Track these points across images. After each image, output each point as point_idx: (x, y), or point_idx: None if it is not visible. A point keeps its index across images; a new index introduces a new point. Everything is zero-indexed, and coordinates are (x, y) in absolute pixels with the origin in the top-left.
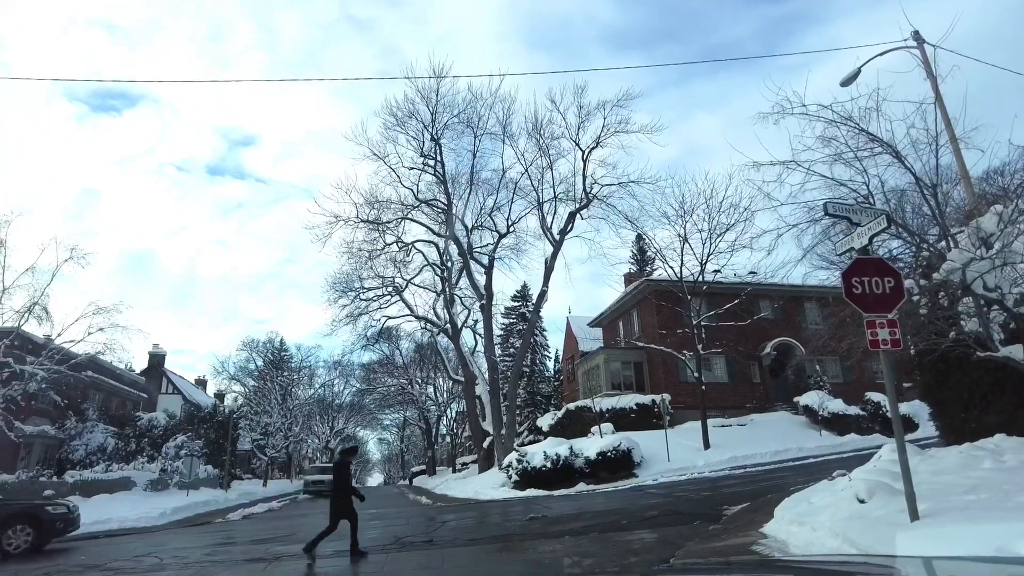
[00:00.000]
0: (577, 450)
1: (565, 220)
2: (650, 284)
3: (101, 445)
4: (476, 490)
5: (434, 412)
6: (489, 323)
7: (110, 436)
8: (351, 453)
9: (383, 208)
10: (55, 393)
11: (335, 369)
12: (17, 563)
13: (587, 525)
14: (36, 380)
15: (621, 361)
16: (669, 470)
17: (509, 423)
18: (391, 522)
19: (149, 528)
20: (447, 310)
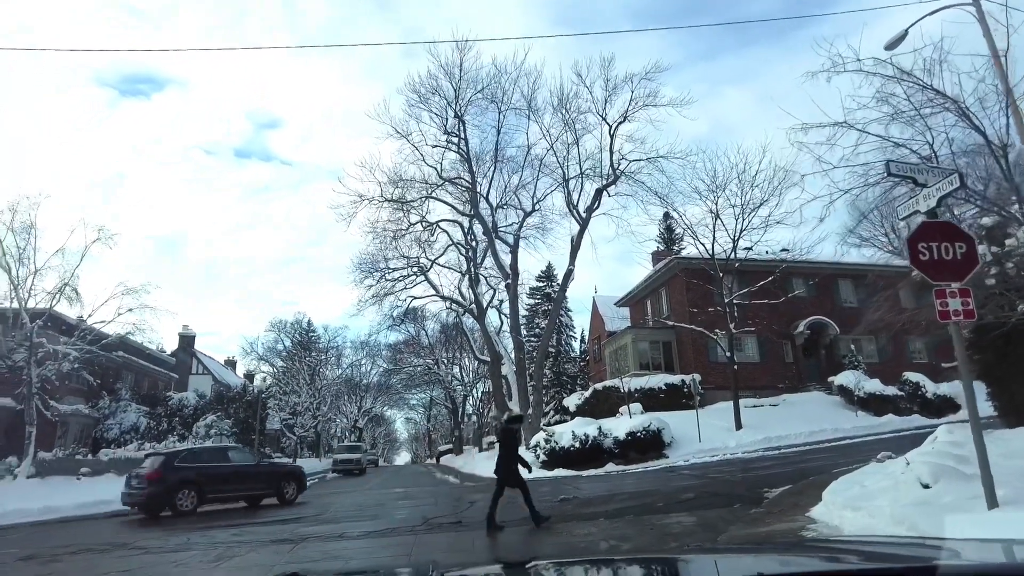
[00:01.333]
0: (606, 430)
1: (592, 197)
2: (680, 262)
3: (134, 424)
4: None
5: (460, 392)
6: (515, 303)
7: (142, 416)
8: (517, 420)
9: (407, 187)
10: (88, 373)
11: (362, 349)
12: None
13: (621, 507)
14: (69, 360)
15: (649, 341)
16: (700, 451)
17: (536, 403)
18: (419, 501)
19: None
20: (472, 290)
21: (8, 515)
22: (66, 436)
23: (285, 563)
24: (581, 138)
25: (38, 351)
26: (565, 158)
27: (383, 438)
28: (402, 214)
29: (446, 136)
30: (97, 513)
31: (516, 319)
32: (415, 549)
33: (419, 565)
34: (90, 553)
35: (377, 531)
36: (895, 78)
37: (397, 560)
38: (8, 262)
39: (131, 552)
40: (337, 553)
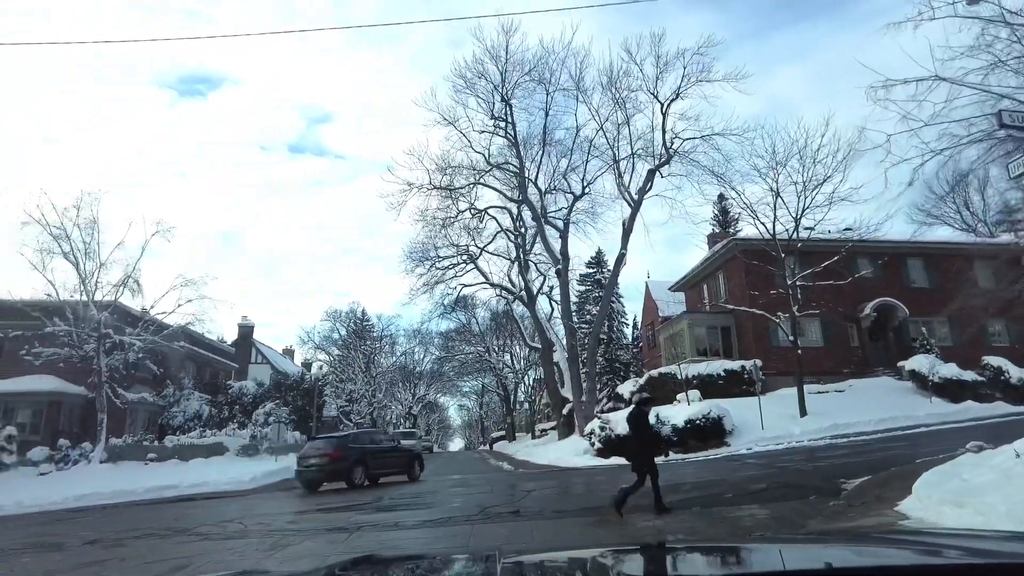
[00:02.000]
0: (664, 417)
1: (644, 179)
2: (738, 243)
3: (197, 412)
4: (557, 457)
5: (511, 379)
6: (566, 288)
7: (204, 403)
8: (649, 403)
9: (455, 174)
10: (152, 362)
11: (415, 338)
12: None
13: (687, 498)
14: (134, 350)
15: (707, 325)
16: (763, 439)
17: (589, 390)
18: (474, 489)
19: (240, 492)
20: (522, 276)
21: (84, 498)
22: (135, 423)
23: (340, 553)
24: (632, 118)
25: (106, 341)
26: (615, 139)
27: (437, 424)
28: (451, 202)
29: (493, 121)
30: (162, 497)
31: (567, 305)
32: (472, 540)
33: (485, 550)
34: (153, 538)
35: (432, 520)
36: (1000, 21)
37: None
38: (76, 256)
39: (191, 538)
40: (393, 543)
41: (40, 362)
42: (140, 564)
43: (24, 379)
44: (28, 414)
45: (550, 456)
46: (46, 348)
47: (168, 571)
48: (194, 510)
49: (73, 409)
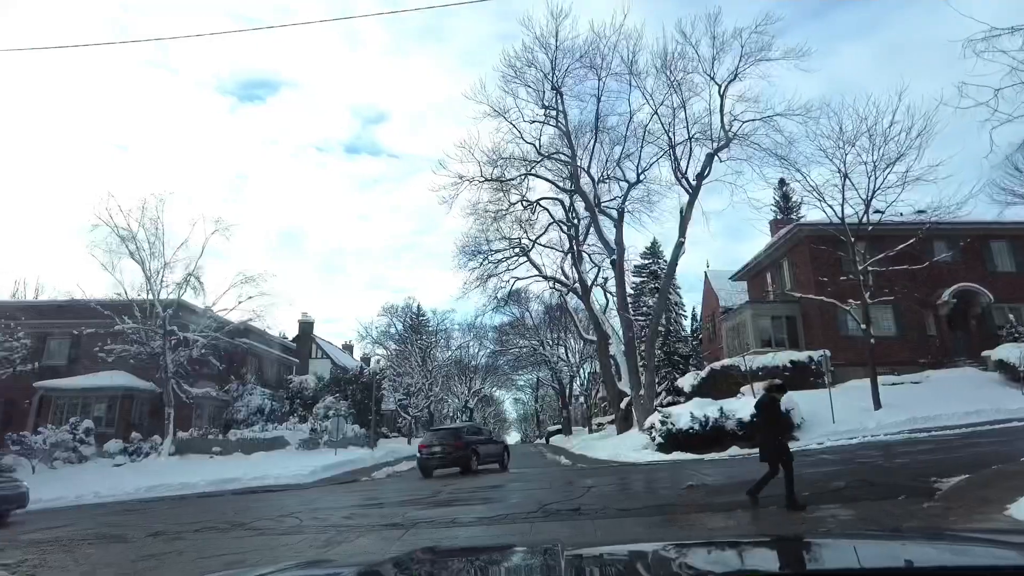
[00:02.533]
0: (728, 411)
1: (702, 163)
2: (803, 229)
3: (259, 406)
4: (617, 451)
5: (566, 373)
6: (621, 279)
7: (266, 398)
8: (780, 389)
9: (506, 165)
10: (216, 358)
11: (469, 332)
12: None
13: (759, 497)
14: (197, 346)
15: (771, 315)
16: (835, 433)
17: (648, 383)
18: (532, 485)
19: (300, 485)
20: (575, 268)
21: (154, 489)
22: (201, 417)
23: (396, 551)
24: (688, 101)
25: (171, 338)
26: (671, 124)
27: (493, 418)
28: (502, 194)
29: (544, 110)
30: (225, 490)
31: (623, 296)
32: (531, 539)
33: (546, 542)
34: (212, 531)
35: (489, 517)
36: None
37: None
38: (142, 256)
39: (247, 533)
40: (448, 542)
41: (112, 359)
42: (195, 559)
43: (99, 375)
44: (103, 408)
45: (608, 451)
46: (117, 345)
47: (221, 567)
48: (254, 503)
49: (144, 403)
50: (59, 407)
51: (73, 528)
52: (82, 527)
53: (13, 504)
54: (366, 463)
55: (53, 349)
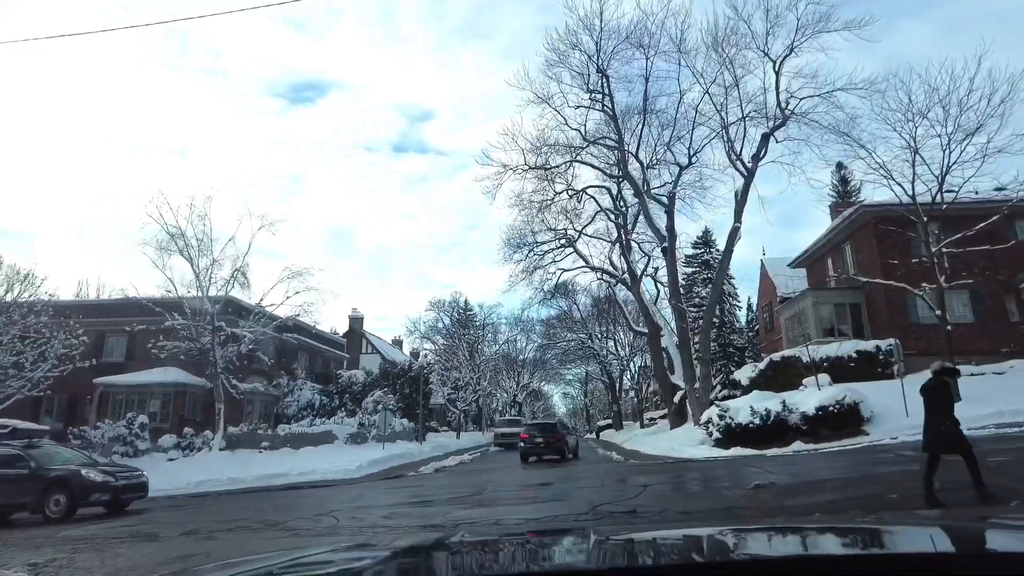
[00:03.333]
0: (791, 404)
1: (757, 144)
2: (868, 211)
3: (309, 401)
4: (671, 447)
5: (616, 367)
6: (673, 267)
7: (316, 393)
8: (952, 373)
9: (550, 153)
10: (265, 354)
11: (517, 326)
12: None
13: (838, 499)
14: (246, 342)
15: (833, 303)
16: (909, 427)
17: (703, 376)
18: (582, 483)
19: (346, 480)
20: (624, 258)
21: (203, 484)
22: (252, 413)
23: None
24: (741, 80)
25: (220, 334)
26: (723, 103)
27: (542, 412)
28: (547, 183)
29: (589, 94)
30: (272, 486)
31: (675, 285)
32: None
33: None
34: (245, 531)
35: (536, 519)
36: None
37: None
38: (191, 253)
39: (281, 533)
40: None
41: (165, 355)
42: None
43: (153, 371)
44: (158, 403)
45: (662, 446)
46: (169, 342)
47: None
48: (296, 500)
49: (196, 399)
50: (117, 402)
51: (122, 525)
52: (125, 524)
53: (138, 492)
54: (414, 458)
55: (112, 346)
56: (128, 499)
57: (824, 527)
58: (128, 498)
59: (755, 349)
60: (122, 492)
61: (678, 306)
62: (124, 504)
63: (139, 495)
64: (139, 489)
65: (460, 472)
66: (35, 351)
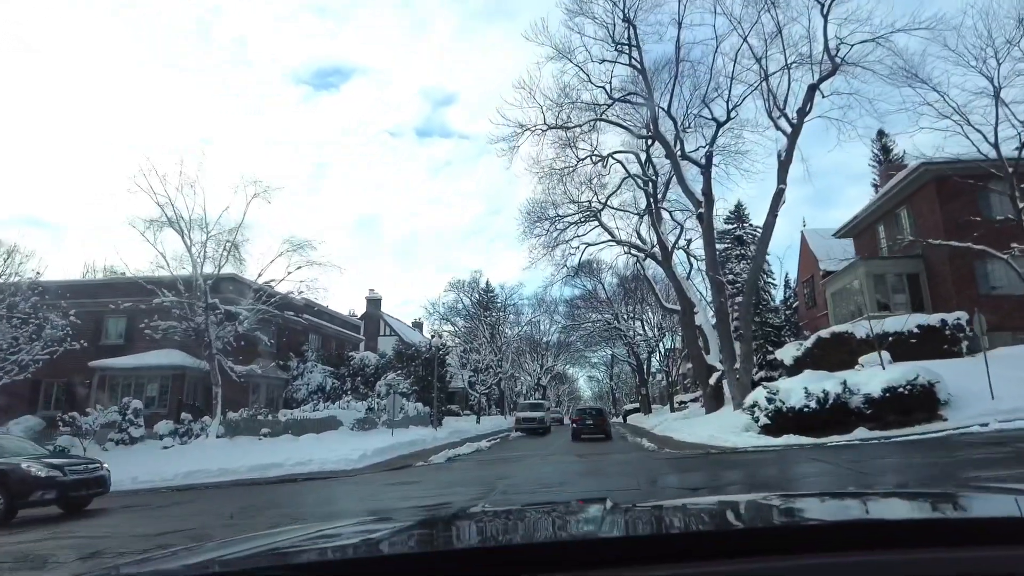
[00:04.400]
0: (853, 385)
1: (803, 97)
2: (930, 168)
3: (320, 385)
4: (710, 434)
5: (644, 348)
6: (710, 235)
7: (327, 376)
8: None
9: (572, 109)
10: (265, 334)
11: (540, 307)
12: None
13: None
14: (244, 321)
15: (891, 273)
16: (996, 411)
17: (745, 355)
18: (611, 480)
19: (345, 472)
20: (654, 228)
21: (192, 475)
22: (258, 397)
23: None
24: (784, 27)
25: (215, 312)
26: (764, 54)
27: (567, 396)
28: (569, 149)
29: (615, 46)
30: (264, 477)
31: (712, 255)
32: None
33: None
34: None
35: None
36: None
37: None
38: (182, 226)
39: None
40: None
41: (160, 336)
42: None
43: (150, 354)
44: (155, 387)
45: (700, 433)
46: (163, 322)
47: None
48: (283, 496)
49: (196, 383)
50: (114, 387)
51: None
52: (87, 530)
53: (94, 489)
54: (426, 445)
55: (110, 328)
56: (83, 497)
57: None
58: (82, 495)
59: (793, 328)
60: (72, 489)
61: (716, 278)
62: (81, 503)
63: (97, 491)
64: (95, 485)
65: (473, 463)
66: (21, 332)
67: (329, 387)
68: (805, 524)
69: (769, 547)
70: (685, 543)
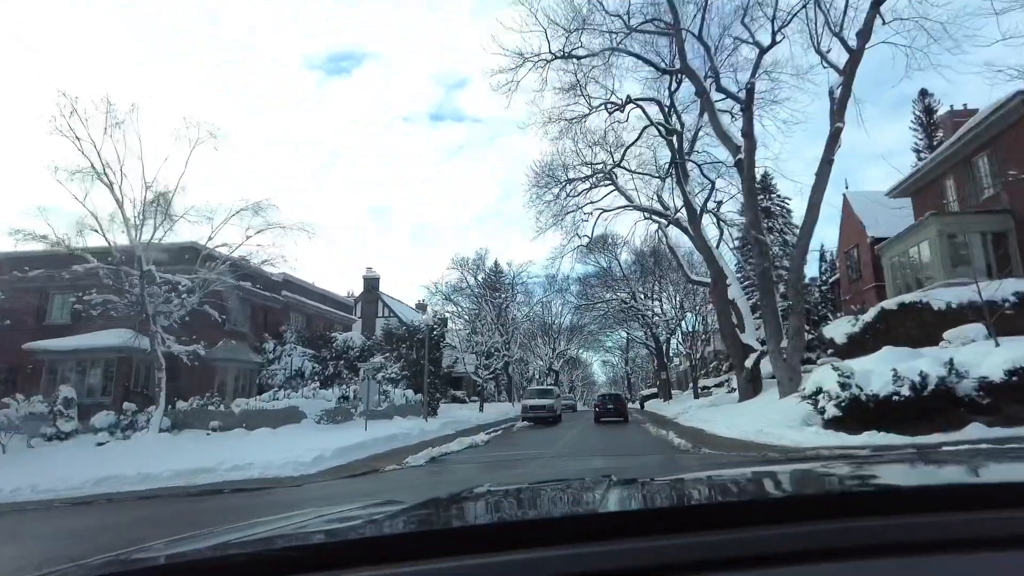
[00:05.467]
0: (961, 365)
1: (866, 14)
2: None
3: (298, 369)
4: (758, 428)
5: (663, 330)
6: (751, 185)
7: (306, 359)
8: None
9: (582, 31)
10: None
11: (551, 285)
12: None
13: None
14: (185, 292)
15: (972, 231)
16: None
17: (795, 330)
18: None
19: (292, 479)
20: (680, 187)
21: (105, 481)
22: (225, 383)
23: None
24: None
25: (155, 283)
26: None
27: (580, 381)
28: (579, 96)
29: None
30: (188, 486)
31: (755, 210)
32: None
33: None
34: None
35: None
36: None
37: None
38: (111, 178)
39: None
40: None
41: (96, 313)
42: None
43: (97, 334)
44: (99, 373)
45: (741, 426)
46: (98, 295)
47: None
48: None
49: (146, 367)
50: (52, 372)
51: None
52: None
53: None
54: (410, 440)
55: (57, 307)
56: None
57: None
58: None
59: (830, 305)
60: None
61: (759, 237)
62: None
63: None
64: None
65: (459, 466)
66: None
67: (309, 372)
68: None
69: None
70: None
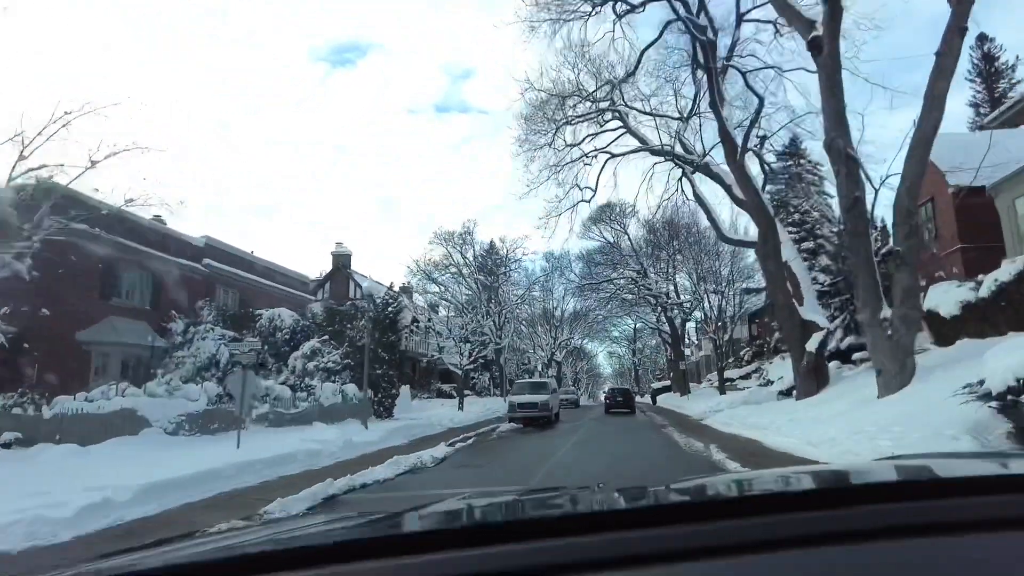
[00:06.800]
0: None
1: None
2: None
3: (212, 356)
4: (879, 446)
5: (678, 314)
6: (835, 75)
7: (222, 344)
8: None
9: None
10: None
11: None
12: None
13: None
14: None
15: None
16: None
17: (904, 291)
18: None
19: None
20: (713, 110)
21: None
22: (105, 370)
23: None
24: None
25: None
26: None
27: (585, 374)
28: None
29: None
30: None
31: (839, 110)
32: None
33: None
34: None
35: None
36: None
37: None
38: None
39: None
40: None
41: None
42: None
43: None
44: None
45: (837, 439)
46: None
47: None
48: None
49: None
50: None
51: None
52: None
53: None
54: (319, 460)
55: None
56: None
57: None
58: None
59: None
60: None
61: (850, 153)
62: None
63: None
64: None
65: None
66: None
67: (225, 360)
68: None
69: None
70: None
